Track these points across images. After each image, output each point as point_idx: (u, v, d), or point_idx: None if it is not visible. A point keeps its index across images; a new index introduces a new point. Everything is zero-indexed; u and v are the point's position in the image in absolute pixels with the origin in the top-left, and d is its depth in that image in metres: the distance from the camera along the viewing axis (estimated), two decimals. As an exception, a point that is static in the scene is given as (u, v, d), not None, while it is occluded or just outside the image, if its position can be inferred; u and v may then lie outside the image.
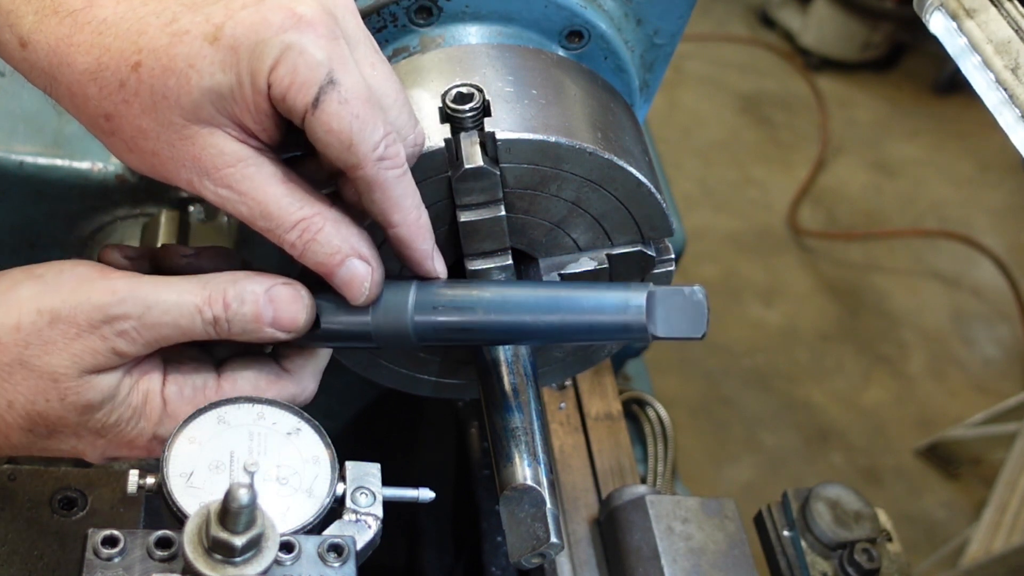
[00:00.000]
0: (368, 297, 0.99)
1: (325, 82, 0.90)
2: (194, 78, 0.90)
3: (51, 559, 1.12)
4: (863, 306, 4.25)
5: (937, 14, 1.19)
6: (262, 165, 0.94)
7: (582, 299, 1.01)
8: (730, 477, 3.58)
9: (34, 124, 1.53)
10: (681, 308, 1.00)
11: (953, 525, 3.53)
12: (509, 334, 1.04)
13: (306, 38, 0.90)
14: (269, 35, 0.89)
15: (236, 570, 0.80)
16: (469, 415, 1.61)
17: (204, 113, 0.91)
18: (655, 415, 1.72)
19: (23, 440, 0.97)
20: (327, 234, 0.96)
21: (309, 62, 0.90)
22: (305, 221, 0.95)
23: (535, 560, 1.02)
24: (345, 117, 0.91)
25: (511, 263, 1.10)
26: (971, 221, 4.64)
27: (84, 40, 0.92)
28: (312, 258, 0.97)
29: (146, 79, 0.91)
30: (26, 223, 1.56)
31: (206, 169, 0.93)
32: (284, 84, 0.90)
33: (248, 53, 0.89)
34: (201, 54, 0.90)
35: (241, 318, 0.97)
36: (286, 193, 0.95)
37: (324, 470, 0.94)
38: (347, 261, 0.97)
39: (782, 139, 4.89)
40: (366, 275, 0.98)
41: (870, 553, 1.36)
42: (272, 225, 0.95)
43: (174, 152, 0.93)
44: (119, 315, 0.94)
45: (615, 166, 1.08)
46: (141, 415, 0.99)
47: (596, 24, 1.18)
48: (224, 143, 0.93)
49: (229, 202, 0.95)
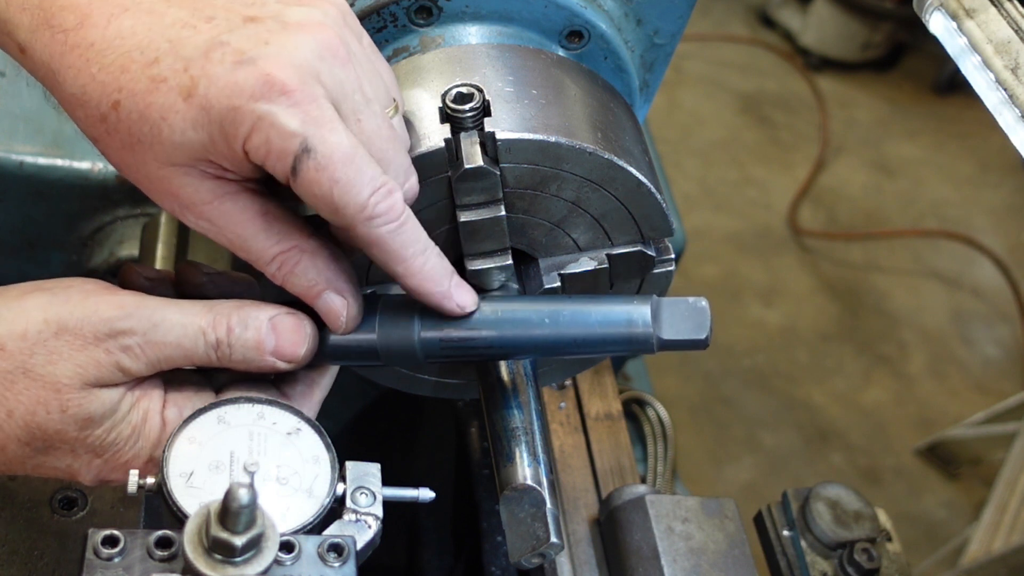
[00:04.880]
0: (346, 328, 1.01)
1: (300, 151, 0.89)
2: (166, 131, 0.90)
3: (51, 559, 1.12)
4: (863, 306, 4.25)
5: (937, 14, 1.19)
6: (238, 200, 0.95)
7: (588, 312, 1.02)
8: (730, 477, 3.58)
9: (34, 124, 1.53)
10: (685, 313, 1.02)
11: (953, 525, 3.53)
12: (516, 349, 1.05)
13: (278, 107, 0.88)
14: (241, 103, 0.88)
15: (236, 570, 0.80)
16: (469, 415, 1.61)
17: (178, 159, 0.91)
18: (655, 415, 1.72)
19: (19, 453, 0.97)
20: (304, 267, 0.97)
21: (281, 133, 0.88)
22: (282, 256, 0.97)
23: (535, 560, 1.02)
24: (324, 183, 0.90)
25: (511, 263, 1.10)
26: (971, 221, 4.64)
27: (73, 63, 0.92)
28: (292, 289, 0.99)
29: (124, 120, 0.91)
30: (26, 223, 1.56)
31: (184, 204, 0.94)
32: (260, 154, 0.89)
33: (220, 117, 0.89)
34: (174, 108, 0.89)
35: (243, 344, 0.98)
36: (263, 228, 0.96)
37: (324, 470, 0.94)
38: (323, 294, 0.99)
39: (782, 139, 4.89)
40: (341, 309, 1.00)
41: (870, 553, 1.36)
42: (252, 257, 0.97)
43: (153, 188, 0.95)
44: (125, 330, 0.95)
45: (615, 166, 1.08)
46: (139, 435, 0.99)
47: (596, 24, 1.18)
48: (199, 183, 0.93)
49: (210, 233, 0.96)
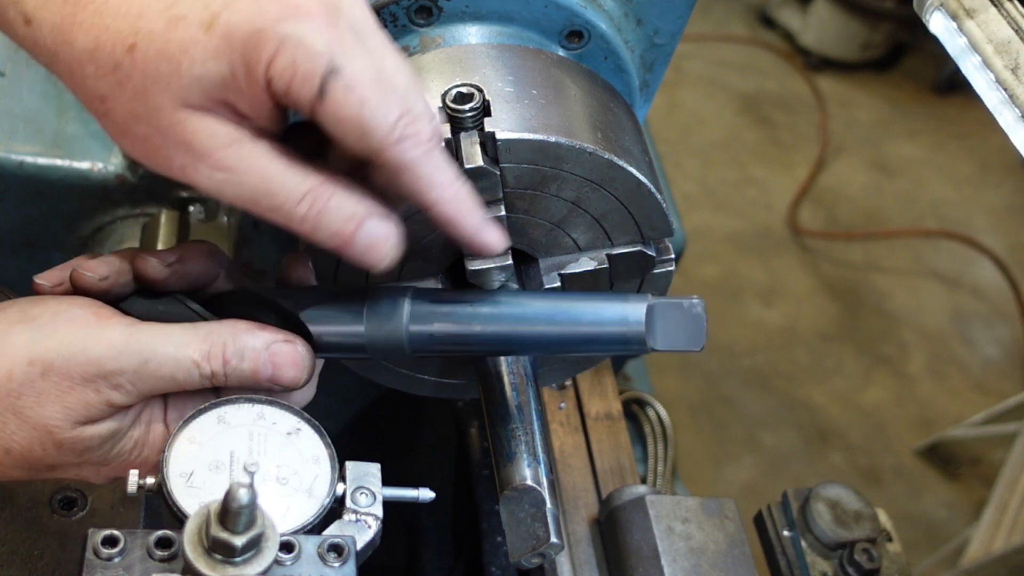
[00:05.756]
0: (392, 258, 0.94)
1: (327, 71, 0.87)
2: (185, 64, 0.88)
3: (51, 559, 1.12)
4: (863, 306, 4.25)
5: (937, 14, 1.19)
6: (257, 143, 0.91)
7: (580, 311, 1.01)
8: (730, 477, 3.58)
9: (34, 124, 1.53)
10: (680, 321, 1.00)
11: (953, 525, 3.53)
12: (506, 345, 1.03)
13: (304, 28, 0.87)
14: (265, 25, 0.87)
15: (236, 570, 0.80)
16: (469, 415, 1.61)
17: (194, 99, 0.89)
18: (655, 415, 1.72)
19: (23, 476, 0.98)
20: (339, 200, 0.91)
21: (309, 52, 0.87)
22: (314, 191, 0.91)
23: (535, 560, 1.02)
24: (353, 103, 0.87)
25: (511, 263, 1.10)
26: (971, 221, 4.64)
27: (85, 20, 0.90)
28: (326, 229, 0.92)
29: (139, 62, 0.89)
30: (26, 223, 1.56)
31: (199, 153, 0.90)
32: (285, 78, 0.87)
33: (242, 43, 0.87)
34: (195, 40, 0.88)
35: (239, 374, 0.97)
36: (288, 166, 0.91)
37: (324, 470, 0.94)
38: (365, 223, 0.92)
39: (782, 139, 4.89)
40: (388, 234, 0.93)
41: (870, 553, 1.36)
42: (278, 201, 0.91)
43: (165, 138, 0.91)
44: (115, 370, 0.93)
45: (615, 166, 1.08)
46: (144, 444, 0.99)
47: (596, 24, 1.18)
48: (216, 126, 0.90)
49: (228, 185, 0.91)
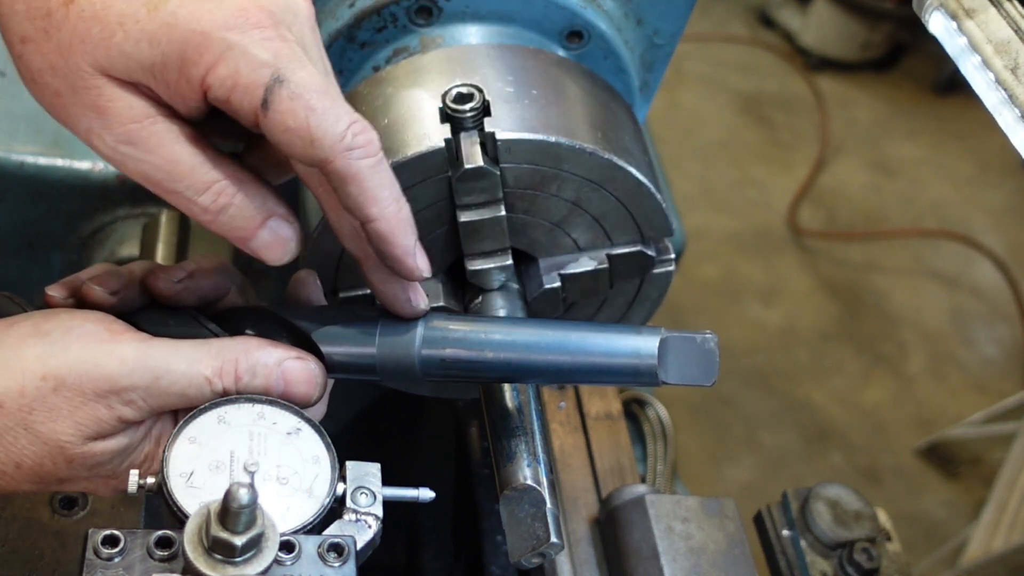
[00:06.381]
0: (293, 255, 0.95)
1: (271, 82, 0.85)
2: (119, 37, 0.85)
3: (51, 559, 1.12)
4: (863, 306, 4.25)
5: (937, 14, 1.19)
6: (172, 124, 0.89)
7: (593, 341, 1.00)
8: (730, 477, 3.58)
9: (34, 124, 1.53)
10: (692, 355, 0.99)
11: (953, 525, 3.53)
12: (517, 373, 1.02)
13: (250, 38, 0.85)
14: (211, 29, 0.84)
15: (236, 570, 0.80)
16: (469, 415, 1.61)
17: (117, 71, 0.86)
18: (655, 415, 1.72)
19: (33, 489, 0.97)
20: (243, 198, 0.91)
21: (252, 63, 0.85)
22: (220, 184, 0.90)
23: (535, 560, 1.02)
24: (299, 111, 0.85)
25: (511, 263, 1.10)
26: (971, 221, 4.63)
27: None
28: (229, 223, 0.91)
29: (73, 18, 0.86)
30: (26, 223, 1.56)
31: (109, 122, 0.87)
32: (226, 87, 0.85)
33: (183, 39, 0.85)
34: (135, 17, 0.85)
35: (251, 391, 0.96)
36: (197, 154, 0.89)
37: (324, 470, 0.94)
38: (269, 222, 0.92)
39: (782, 139, 4.89)
40: (290, 235, 0.94)
41: (870, 553, 1.36)
42: (181, 187, 0.90)
43: (77, 98, 0.88)
44: (127, 387, 0.92)
45: (615, 166, 1.08)
46: (154, 459, 0.98)
47: (596, 24, 1.18)
48: (132, 99, 0.88)
49: (130, 159, 0.89)
